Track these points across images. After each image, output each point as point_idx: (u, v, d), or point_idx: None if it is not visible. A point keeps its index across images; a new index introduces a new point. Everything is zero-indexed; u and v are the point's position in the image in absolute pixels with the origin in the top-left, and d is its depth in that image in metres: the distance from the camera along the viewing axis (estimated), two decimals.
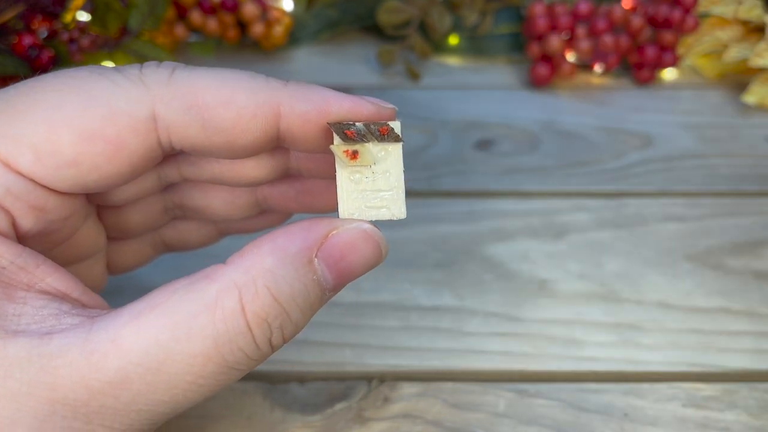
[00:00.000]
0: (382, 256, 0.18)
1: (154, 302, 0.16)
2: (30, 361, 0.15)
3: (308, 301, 0.17)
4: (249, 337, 0.16)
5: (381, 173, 0.18)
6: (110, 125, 0.16)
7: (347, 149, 0.18)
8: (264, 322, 0.16)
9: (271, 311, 0.16)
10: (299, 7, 0.44)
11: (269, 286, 0.16)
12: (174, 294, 0.16)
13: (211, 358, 0.16)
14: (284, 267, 0.16)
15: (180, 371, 0.16)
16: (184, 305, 0.16)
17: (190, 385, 0.16)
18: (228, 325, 0.16)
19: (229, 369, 0.16)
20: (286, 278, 0.16)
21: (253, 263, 0.16)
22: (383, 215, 0.18)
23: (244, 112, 0.17)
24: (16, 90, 0.17)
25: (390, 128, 0.18)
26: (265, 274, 0.16)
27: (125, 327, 0.16)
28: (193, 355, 0.16)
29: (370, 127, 0.18)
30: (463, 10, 0.43)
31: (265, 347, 0.17)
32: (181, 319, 0.16)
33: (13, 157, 0.16)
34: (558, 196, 0.34)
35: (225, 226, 0.24)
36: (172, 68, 0.17)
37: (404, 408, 0.25)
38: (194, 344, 0.16)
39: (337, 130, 0.18)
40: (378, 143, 0.18)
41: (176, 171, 0.21)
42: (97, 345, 0.15)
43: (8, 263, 0.16)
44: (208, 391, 0.16)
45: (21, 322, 0.16)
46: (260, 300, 0.16)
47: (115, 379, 0.15)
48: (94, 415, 0.15)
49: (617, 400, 0.26)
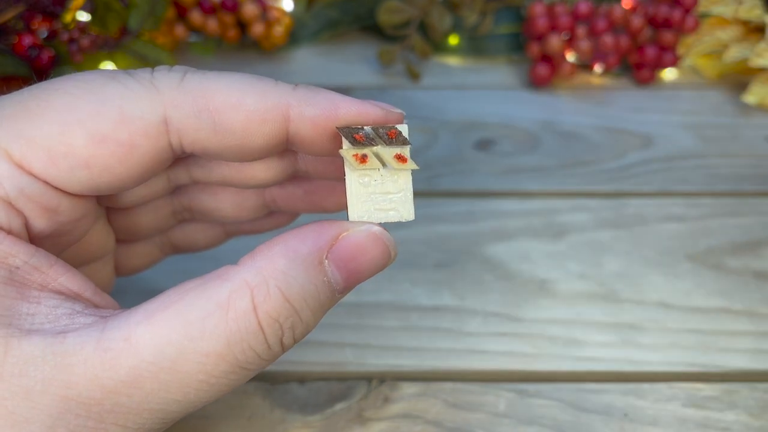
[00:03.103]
0: (390, 257, 0.18)
1: (167, 302, 0.16)
2: (44, 359, 0.15)
3: (319, 302, 0.17)
4: (261, 336, 0.16)
5: (389, 176, 0.18)
6: (122, 128, 0.17)
7: (356, 153, 0.18)
8: (275, 322, 0.16)
9: (282, 311, 0.16)
10: (299, 7, 0.44)
11: (281, 286, 0.16)
12: (187, 294, 0.16)
13: (223, 357, 0.16)
14: (295, 268, 0.17)
15: (192, 370, 0.16)
16: (197, 305, 0.16)
17: (202, 384, 0.16)
18: (240, 324, 0.16)
19: (240, 368, 0.16)
20: (298, 279, 0.17)
21: (265, 264, 0.16)
22: (392, 217, 0.18)
23: (254, 115, 0.18)
24: (30, 92, 0.17)
25: (398, 132, 0.18)
26: (276, 275, 0.16)
27: (139, 326, 0.16)
28: (206, 354, 0.16)
29: (378, 131, 0.18)
30: (463, 10, 0.43)
31: (276, 347, 0.17)
32: (194, 319, 0.16)
33: (27, 159, 0.16)
34: (558, 196, 0.34)
35: (233, 227, 0.24)
36: (183, 72, 0.18)
37: (404, 408, 0.25)
38: (207, 343, 0.16)
39: (346, 135, 0.18)
40: (386, 146, 0.18)
41: (186, 174, 0.21)
42: (111, 343, 0.15)
43: (22, 263, 0.16)
44: (220, 390, 0.17)
45: (35, 321, 0.16)
46: (272, 300, 0.16)
47: (128, 378, 0.15)
48: (107, 414, 0.15)
49: (617, 400, 0.26)
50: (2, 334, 0.15)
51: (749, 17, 0.40)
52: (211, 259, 0.23)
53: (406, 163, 0.18)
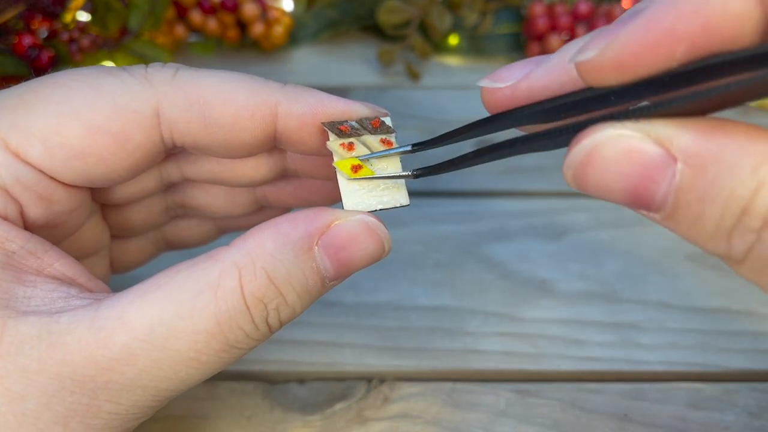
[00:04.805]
0: (384, 250, 0.18)
1: (159, 282, 0.17)
2: (40, 338, 0.16)
3: (306, 288, 0.17)
4: (248, 316, 0.17)
5: (379, 163, 0.19)
6: (116, 120, 0.17)
7: (343, 142, 0.18)
8: (260, 302, 0.17)
9: (267, 292, 0.17)
10: (299, 7, 0.44)
11: (266, 268, 0.17)
12: (179, 274, 0.17)
13: (213, 336, 0.16)
14: (283, 252, 0.17)
15: (183, 348, 0.16)
16: (188, 284, 0.16)
17: (192, 361, 0.16)
18: (228, 303, 0.16)
19: (230, 347, 0.17)
20: (284, 262, 0.17)
21: (255, 246, 0.17)
22: (387, 203, 0.19)
23: (243, 110, 0.18)
24: (28, 86, 0.18)
25: (381, 121, 0.19)
26: (264, 257, 0.17)
27: (131, 305, 0.16)
28: (197, 332, 0.16)
29: (362, 122, 0.18)
30: (463, 10, 0.43)
31: (263, 327, 0.17)
32: (185, 297, 0.16)
33: (24, 148, 0.17)
34: (558, 196, 0.34)
35: (225, 223, 0.24)
36: (176, 68, 0.18)
37: (404, 408, 0.25)
38: (197, 321, 0.16)
39: (331, 128, 0.18)
40: (372, 135, 0.19)
41: (177, 170, 0.22)
42: (105, 322, 0.16)
43: (18, 248, 0.17)
44: (210, 368, 0.17)
45: (31, 304, 0.16)
46: (257, 281, 0.17)
47: (121, 355, 0.16)
48: (100, 391, 0.16)
49: (617, 400, 0.26)
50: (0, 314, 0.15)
51: None
52: None
53: (392, 146, 0.19)
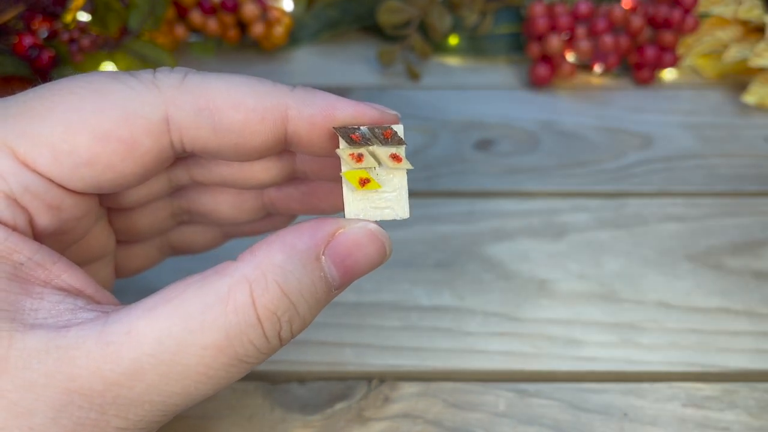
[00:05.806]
0: (386, 255, 0.19)
1: (167, 296, 0.16)
2: (47, 352, 0.15)
3: (315, 297, 0.18)
4: (259, 330, 0.16)
5: (385, 175, 0.19)
6: (125, 126, 0.17)
7: (352, 152, 0.18)
8: (273, 315, 0.17)
9: (280, 305, 0.17)
10: (299, 7, 0.44)
11: (278, 280, 0.17)
12: (187, 288, 0.16)
13: (222, 350, 0.16)
14: (293, 263, 0.17)
15: (192, 362, 0.16)
16: (197, 298, 0.16)
17: (201, 376, 0.16)
18: (239, 317, 0.16)
19: (239, 361, 0.17)
20: (295, 273, 0.17)
21: (264, 259, 0.17)
22: (387, 215, 0.19)
23: (253, 114, 0.18)
24: (35, 93, 0.17)
25: (393, 132, 0.18)
26: (274, 270, 0.17)
27: (140, 320, 0.16)
28: (205, 346, 0.16)
29: (374, 131, 0.18)
30: (463, 10, 0.43)
31: (274, 341, 0.17)
32: (195, 312, 0.16)
33: (32, 157, 0.17)
34: (558, 196, 0.34)
35: (231, 229, 0.24)
36: (184, 73, 0.18)
37: (404, 408, 0.25)
38: (206, 336, 0.16)
39: (343, 135, 0.18)
40: (382, 146, 0.18)
41: (186, 174, 0.22)
42: (113, 336, 0.16)
43: (26, 259, 0.17)
44: (219, 383, 0.17)
45: (38, 317, 0.16)
46: (270, 294, 0.16)
47: (129, 370, 0.16)
48: (108, 406, 0.16)
49: (617, 400, 0.26)
50: (6, 328, 0.15)
51: (749, 17, 0.40)
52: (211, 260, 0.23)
53: (401, 162, 0.19)
